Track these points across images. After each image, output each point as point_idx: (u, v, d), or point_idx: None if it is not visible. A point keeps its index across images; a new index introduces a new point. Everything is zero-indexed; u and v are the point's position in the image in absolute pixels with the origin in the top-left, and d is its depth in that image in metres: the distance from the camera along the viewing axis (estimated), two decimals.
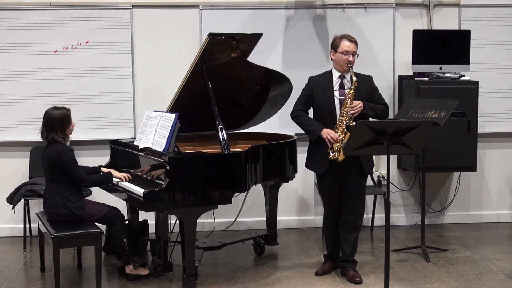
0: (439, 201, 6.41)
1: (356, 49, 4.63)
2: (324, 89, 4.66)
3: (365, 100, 4.60)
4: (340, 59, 4.60)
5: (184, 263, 4.48)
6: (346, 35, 4.66)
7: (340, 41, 4.62)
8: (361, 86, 4.63)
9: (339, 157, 4.53)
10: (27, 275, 4.97)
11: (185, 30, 6.02)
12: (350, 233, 4.74)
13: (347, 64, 4.57)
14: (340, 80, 4.66)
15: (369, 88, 4.71)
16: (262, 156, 4.78)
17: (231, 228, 5.60)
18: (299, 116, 4.76)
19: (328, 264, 4.92)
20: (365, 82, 4.69)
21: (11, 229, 6.05)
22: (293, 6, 6.05)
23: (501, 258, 5.26)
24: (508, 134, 6.38)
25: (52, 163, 4.53)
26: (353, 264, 4.82)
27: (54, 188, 4.56)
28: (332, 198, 4.75)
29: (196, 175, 4.37)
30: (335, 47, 4.65)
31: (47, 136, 4.58)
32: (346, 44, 4.59)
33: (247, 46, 4.95)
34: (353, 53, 4.59)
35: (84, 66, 5.92)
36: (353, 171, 4.64)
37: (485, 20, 6.19)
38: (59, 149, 4.52)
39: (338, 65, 4.65)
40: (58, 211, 4.54)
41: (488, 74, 6.18)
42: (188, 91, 4.86)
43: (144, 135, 4.76)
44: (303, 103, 4.77)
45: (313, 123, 4.68)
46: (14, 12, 5.85)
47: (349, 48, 4.58)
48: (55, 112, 4.56)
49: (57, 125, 4.54)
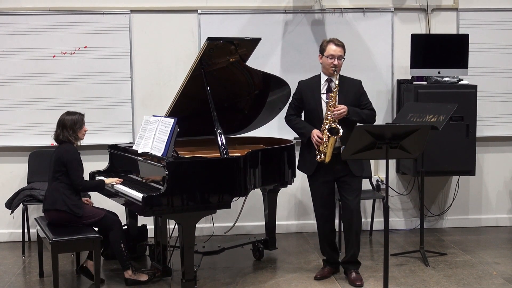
0: (438, 205, 6.41)
1: (342, 53, 4.64)
2: (312, 93, 4.71)
3: (352, 104, 4.63)
4: (326, 63, 4.64)
5: (183, 267, 4.47)
6: (334, 39, 4.69)
7: (327, 44, 4.65)
8: (349, 90, 4.67)
9: (325, 159, 4.55)
10: (26, 280, 4.96)
11: (184, 34, 6.02)
12: (349, 232, 4.74)
13: (332, 67, 4.59)
14: (328, 83, 4.69)
15: (357, 92, 4.72)
16: (261, 160, 4.78)
17: (230, 232, 5.60)
18: (291, 120, 4.86)
19: (327, 268, 4.91)
20: (353, 86, 4.73)
21: (10, 234, 6.04)
22: (291, 10, 6.06)
23: (500, 262, 5.26)
24: (507, 138, 6.38)
25: (58, 160, 4.62)
26: (356, 266, 4.81)
27: (56, 186, 4.63)
28: (322, 199, 4.77)
29: (195, 179, 4.37)
30: (322, 50, 4.69)
31: (58, 136, 4.71)
32: (332, 48, 4.62)
33: (245, 51, 4.95)
34: (338, 56, 4.61)
35: (82, 71, 5.92)
36: (342, 172, 4.67)
37: (483, 24, 6.20)
38: (68, 148, 4.66)
39: (324, 68, 4.69)
40: (56, 207, 4.59)
41: (486, 78, 6.19)
42: (186, 96, 4.86)
43: (143, 139, 4.76)
44: (294, 107, 4.86)
45: (304, 125, 4.75)
46: (12, 17, 5.85)
47: (335, 52, 4.60)
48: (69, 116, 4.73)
49: (69, 126, 4.68)
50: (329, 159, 4.55)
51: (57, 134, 4.73)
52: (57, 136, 4.72)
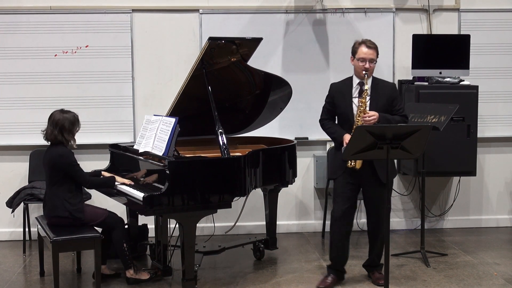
0: (438, 205, 6.41)
1: (375, 55, 4.47)
2: (343, 96, 4.54)
3: (384, 109, 4.46)
4: (357, 66, 4.48)
5: (183, 267, 4.47)
6: (366, 40, 4.50)
7: (359, 46, 4.47)
8: (381, 93, 4.49)
9: (356, 165, 4.42)
10: (27, 279, 4.96)
11: (185, 34, 6.02)
12: (374, 240, 4.70)
13: (363, 71, 4.43)
14: (359, 86, 4.51)
15: (390, 97, 4.53)
16: (262, 160, 4.78)
17: (231, 232, 5.59)
18: (324, 124, 4.69)
19: (331, 277, 4.69)
20: (386, 90, 4.55)
21: (11, 233, 6.04)
22: (293, 10, 6.06)
23: (500, 263, 5.25)
24: (508, 138, 6.38)
25: (54, 166, 4.54)
26: (379, 267, 4.76)
27: (54, 190, 4.57)
28: (344, 198, 4.54)
29: (195, 179, 4.37)
30: (354, 52, 4.50)
31: (54, 136, 4.54)
32: (364, 50, 4.45)
33: (247, 51, 4.95)
34: (370, 60, 4.43)
35: (84, 70, 5.92)
36: (369, 179, 4.50)
37: (484, 24, 6.20)
38: (60, 152, 4.53)
39: (356, 71, 4.53)
40: (57, 213, 4.55)
41: (487, 78, 6.19)
42: (188, 95, 4.86)
43: (144, 139, 4.76)
44: (326, 111, 4.68)
45: (336, 130, 4.58)
46: (14, 16, 5.85)
47: (366, 55, 4.43)
48: (66, 116, 4.57)
49: (68, 128, 4.54)
50: (360, 165, 4.42)
51: (54, 134, 4.53)
52: (55, 137, 4.53)
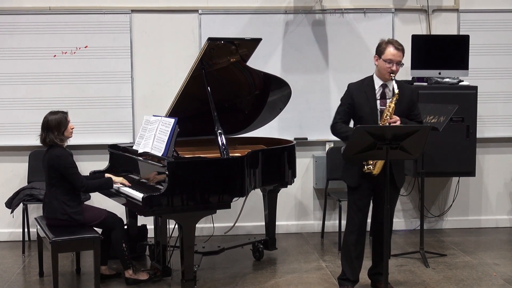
0: (438, 206, 6.41)
1: (401, 57, 4.26)
2: (367, 99, 4.30)
3: (404, 114, 4.29)
4: (383, 67, 4.26)
5: (182, 267, 4.47)
6: (393, 40, 4.31)
7: (386, 47, 4.26)
8: (402, 97, 4.27)
9: (373, 171, 4.24)
10: (26, 280, 4.95)
11: (184, 34, 6.02)
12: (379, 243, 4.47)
13: (389, 73, 4.24)
14: (382, 89, 4.33)
15: (410, 101, 4.35)
16: (261, 160, 4.78)
17: (230, 233, 5.59)
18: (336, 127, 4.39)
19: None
20: (408, 94, 4.35)
21: (10, 234, 6.04)
22: (292, 11, 6.06)
23: (500, 263, 5.26)
24: (507, 139, 6.38)
25: (52, 167, 4.54)
26: None
27: (53, 192, 4.57)
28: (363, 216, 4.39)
29: (195, 179, 4.37)
30: (380, 52, 4.29)
31: (44, 139, 4.59)
32: (392, 51, 4.23)
33: (246, 51, 4.95)
34: (397, 62, 4.24)
35: (83, 71, 5.92)
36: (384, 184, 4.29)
37: (484, 25, 6.20)
38: (58, 153, 4.54)
39: (380, 72, 4.32)
40: (57, 216, 4.55)
41: (487, 79, 6.19)
42: (187, 96, 4.86)
43: (143, 139, 4.76)
44: (344, 113, 4.38)
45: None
46: (13, 17, 5.85)
47: (394, 57, 4.22)
48: (52, 117, 4.59)
49: (54, 128, 4.55)
50: (378, 171, 4.22)
51: (43, 137, 4.59)
52: (44, 139, 4.59)
